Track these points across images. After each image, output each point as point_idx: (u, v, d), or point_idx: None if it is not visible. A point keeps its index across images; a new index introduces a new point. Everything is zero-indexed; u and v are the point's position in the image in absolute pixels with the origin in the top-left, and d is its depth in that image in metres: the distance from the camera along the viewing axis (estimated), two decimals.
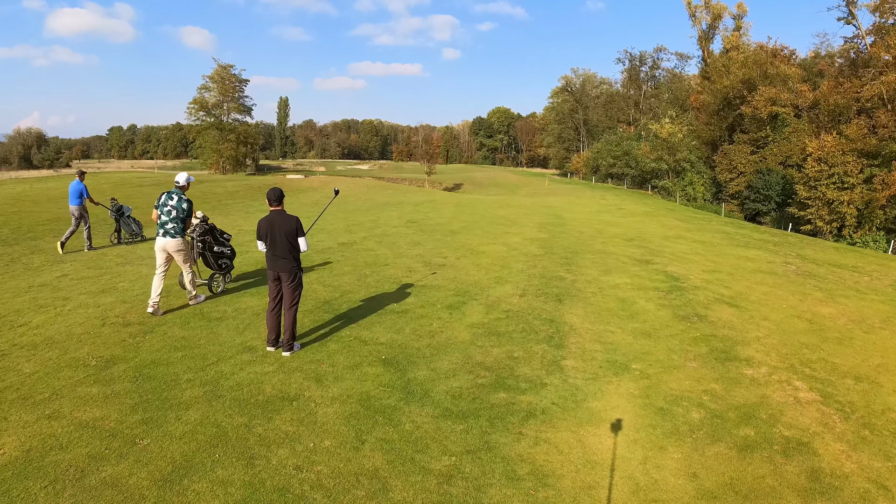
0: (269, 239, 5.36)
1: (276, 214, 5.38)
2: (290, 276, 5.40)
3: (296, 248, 5.38)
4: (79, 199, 10.19)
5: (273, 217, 5.38)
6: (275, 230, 5.31)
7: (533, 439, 4.17)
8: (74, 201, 10.17)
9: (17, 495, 3.21)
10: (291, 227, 5.34)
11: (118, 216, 11.20)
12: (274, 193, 5.42)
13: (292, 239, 5.33)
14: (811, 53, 46.34)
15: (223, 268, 7.57)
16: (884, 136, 28.98)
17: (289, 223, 5.34)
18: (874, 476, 4.00)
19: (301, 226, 5.39)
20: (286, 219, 5.36)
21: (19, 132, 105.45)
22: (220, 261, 7.51)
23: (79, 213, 10.20)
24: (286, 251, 5.33)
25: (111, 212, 11.19)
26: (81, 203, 10.22)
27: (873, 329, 7.56)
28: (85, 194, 10.29)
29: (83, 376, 4.76)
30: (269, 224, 5.35)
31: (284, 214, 5.39)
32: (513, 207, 21.25)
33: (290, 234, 5.32)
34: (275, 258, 5.38)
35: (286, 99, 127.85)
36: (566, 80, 74.09)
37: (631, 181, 49.42)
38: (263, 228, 5.39)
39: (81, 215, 10.24)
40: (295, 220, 5.39)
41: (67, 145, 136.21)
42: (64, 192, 20.55)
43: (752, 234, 18.68)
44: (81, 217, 10.26)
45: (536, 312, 7.12)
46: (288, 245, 5.32)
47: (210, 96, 63.74)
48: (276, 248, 5.34)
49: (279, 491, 3.39)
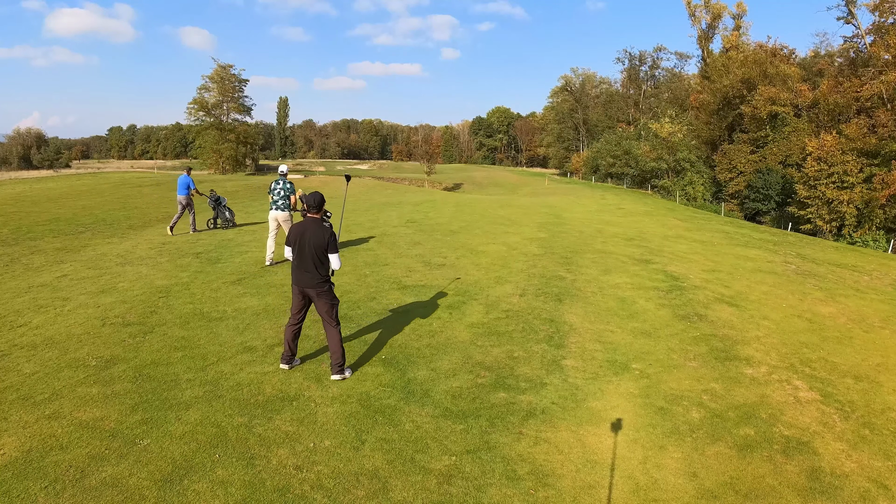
0: (296, 248, 4.90)
1: (309, 222, 4.92)
2: (317, 292, 4.88)
3: (324, 264, 4.87)
4: (186, 190, 11.93)
5: (306, 225, 4.90)
6: (304, 240, 4.82)
7: (533, 439, 4.17)
8: (182, 192, 11.92)
9: (17, 495, 3.21)
10: (322, 240, 4.81)
11: (216, 205, 12.97)
12: (314, 199, 4.93)
13: (321, 253, 4.82)
14: (811, 53, 46.32)
15: None
16: (883, 135, 28.99)
17: (320, 235, 4.82)
18: (874, 475, 4.00)
19: (334, 241, 4.88)
20: (319, 230, 4.85)
21: (19, 132, 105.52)
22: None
23: (185, 201, 11.96)
24: (312, 265, 4.84)
25: (209, 201, 12.95)
26: (188, 193, 11.94)
27: (873, 328, 7.56)
28: (191, 186, 12.04)
29: (83, 376, 4.76)
30: (301, 232, 4.88)
31: (319, 225, 4.89)
32: (512, 207, 21.24)
33: (320, 248, 4.81)
34: (300, 271, 4.92)
35: (286, 99, 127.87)
36: (566, 80, 74.14)
37: (631, 181, 49.43)
38: (293, 235, 4.93)
39: (188, 203, 12.04)
40: (328, 232, 4.86)
41: (67, 145, 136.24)
42: (63, 193, 20.56)
43: (752, 233, 18.69)
44: (188, 205, 12.05)
45: (536, 312, 7.12)
46: (316, 259, 4.82)
47: (210, 96, 63.72)
48: (302, 260, 4.87)
49: (279, 491, 3.39)
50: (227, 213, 13.15)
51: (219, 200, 13.04)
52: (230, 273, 8.44)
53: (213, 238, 11.52)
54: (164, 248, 10.29)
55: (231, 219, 13.23)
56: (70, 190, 21.84)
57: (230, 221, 13.17)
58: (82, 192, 20.97)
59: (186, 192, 12.01)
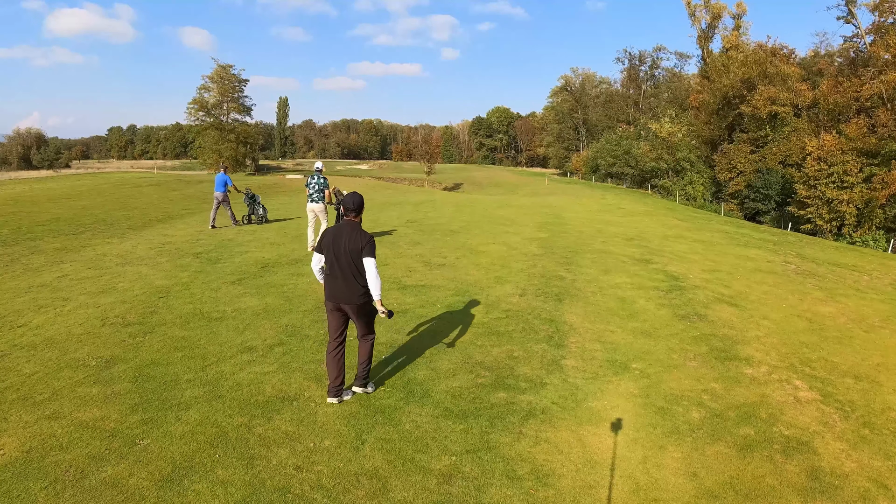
0: (330, 255, 4.36)
1: (346, 226, 4.38)
2: (356, 307, 4.37)
3: (363, 274, 4.30)
4: (223, 186, 12.83)
5: (342, 228, 4.38)
6: (340, 245, 4.30)
7: (533, 439, 4.17)
8: (220, 188, 12.82)
9: (18, 496, 3.21)
10: (358, 245, 4.27)
11: (251, 202, 13.79)
12: (353, 200, 4.45)
13: (359, 260, 4.28)
14: (810, 53, 46.27)
15: None
16: (883, 135, 28.99)
17: (357, 239, 4.29)
18: (874, 475, 4.00)
19: (373, 246, 4.31)
20: (356, 234, 4.32)
21: (19, 132, 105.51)
22: None
23: (222, 197, 12.88)
24: (350, 275, 4.30)
25: (245, 198, 13.75)
26: (225, 190, 12.88)
27: (873, 328, 7.56)
28: (229, 183, 13.04)
29: (83, 377, 4.76)
30: (335, 236, 4.36)
31: (356, 228, 4.36)
32: (512, 207, 21.24)
33: (357, 254, 4.27)
34: (334, 282, 4.36)
35: (286, 99, 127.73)
36: (566, 80, 74.11)
37: (630, 181, 49.44)
38: (325, 240, 4.41)
39: (224, 199, 12.92)
40: (367, 237, 4.32)
41: (67, 146, 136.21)
42: (62, 193, 20.56)
43: (752, 233, 18.69)
44: (223, 201, 12.92)
45: (536, 312, 7.12)
46: (353, 267, 4.30)
47: (209, 96, 63.60)
48: (338, 269, 4.33)
49: (279, 491, 3.39)
50: (260, 210, 13.96)
51: (254, 198, 13.91)
52: (230, 273, 8.44)
53: (213, 238, 11.52)
54: (164, 249, 10.29)
55: (264, 215, 14.02)
56: (70, 190, 21.84)
57: (263, 217, 13.96)
58: (82, 193, 20.97)
59: (223, 189, 12.86)
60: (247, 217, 13.94)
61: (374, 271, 4.26)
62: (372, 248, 4.31)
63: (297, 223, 14.06)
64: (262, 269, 8.73)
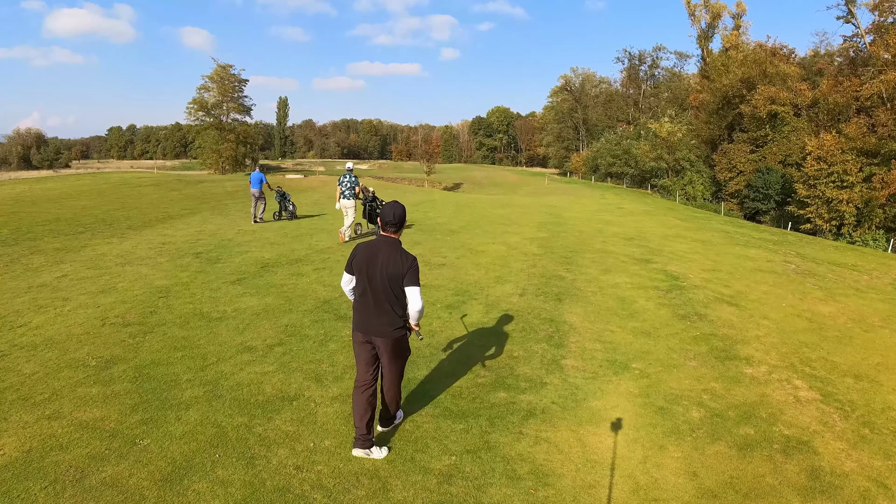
0: (363, 277, 3.64)
1: (382, 244, 3.64)
2: (390, 341, 3.66)
3: (401, 301, 3.62)
4: (259, 184, 13.70)
5: (378, 246, 3.64)
6: (374, 266, 3.59)
7: (533, 438, 4.17)
8: (256, 186, 13.70)
9: (18, 496, 3.21)
10: (400, 268, 3.56)
11: (281, 199, 14.68)
12: (394, 212, 3.64)
13: (397, 286, 3.58)
14: (810, 52, 46.32)
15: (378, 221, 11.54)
16: (883, 134, 29.01)
17: (397, 262, 3.56)
18: (874, 475, 4.00)
19: (416, 271, 3.60)
20: (396, 254, 3.58)
21: (19, 133, 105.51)
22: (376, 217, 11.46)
23: (258, 194, 13.72)
24: (386, 302, 3.60)
25: (276, 195, 14.68)
26: (260, 187, 13.73)
27: (873, 328, 7.56)
28: (263, 180, 13.87)
29: (83, 377, 4.76)
30: (369, 255, 3.63)
31: (395, 247, 3.62)
32: (512, 207, 21.24)
33: (396, 279, 3.56)
34: (365, 309, 3.67)
35: (285, 99, 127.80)
36: (565, 80, 74.13)
37: (630, 180, 49.45)
38: (357, 259, 3.68)
39: (261, 195, 13.76)
40: (409, 260, 3.61)
41: (67, 146, 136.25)
42: (62, 193, 20.57)
43: (752, 232, 18.69)
44: (260, 197, 13.76)
45: (536, 312, 7.12)
46: (390, 294, 3.59)
47: (209, 96, 63.62)
48: (371, 294, 3.62)
49: (279, 491, 3.39)
50: (290, 207, 14.87)
51: (284, 195, 14.82)
52: (230, 273, 8.44)
53: (213, 238, 11.52)
54: (164, 249, 10.29)
55: (293, 211, 14.93)
56: (70, 190, 21.84)
57: (293, 213, 14.90)
58: (82, 193, 20.97)
59: (259, 186, 13.71)
60: (277, 213, 14.79)
61: (420, 303, 3.58)
62: (415, 273, 3.59)
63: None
64: (261, 269, 8.73)
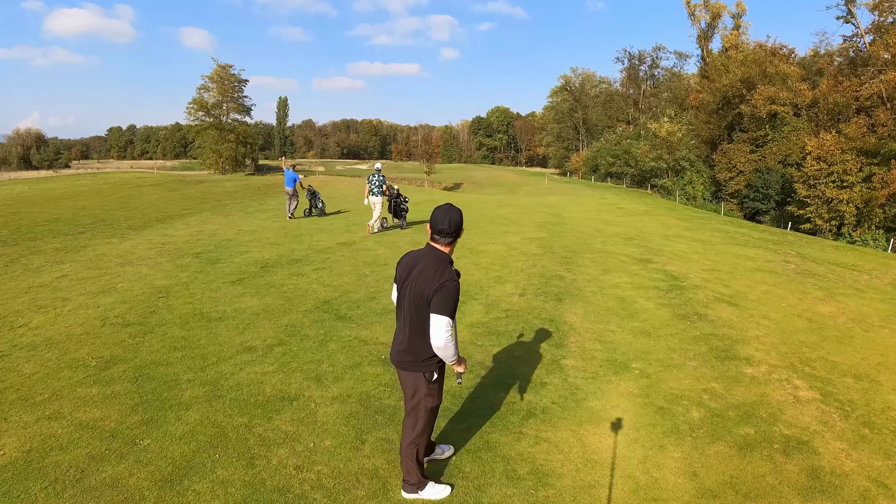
0: (400, 291, 3.10)
1: (425, 254, 3.02)
2: (410, 376, 3.13)
3: (424, 329, 2.94)
4: (293, 182, 14.58)
5: (419, 255, 3.05)
6: (408, 279, 3.00)
7: (533, 438, 4.17)
8: (290, 184, 14.59)
9: (18, 496, 3.21)
10: (427, 286, 2.87)
11: (311, 197, 15.67)
12: (449, 219, 2.92)
13: (422, 308, 2.91)
14: (810, 52, 46.35)
15: (402, 215, 13.47)
16: (883, 134, 29.02)
17: (428, 278, 2.88)
18: (874, 474, 4.00)
19: (448, 294, 2.85)
20: (433, 270, 2.90)
21: (19, 133, 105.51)
22: (401, 212, 13.44)
23: (292, 192, 14.62)
24: (407, 325, 3.03)
25: (307, 193, 15.67)
26: (294, 186, 14.59)
27: (873, 327, 7.57)
28: (297, 179, 14.74)
29: (83, 377, 4.76)
30: (408, 264, 3.07)
31: (436, 261, 2.95)
32: (512, 207, 21.25)
33: (422, 298, 2.89)
34: (395, 333, 3.19)
35: (285, 99, 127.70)
36: (565, 80, 74.16)
37: (630, 180, 49.46)
38: (400, 266, 3.13)
39: (294, 194, 14.67)
40: (442, 278, 2.86)
41: (67, 146, 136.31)
42: (62, 193, 20.58)
43: (752, 232, 18.69)
44: (294, 195, 14.67)
45: (536, 312, 7.12)
46: (413, 316, 2.98)
47: (209, 96, 63.69)
48: (399, 312, 3.12)
49: (279, 491, 3.39)
50: (319, 204, 15.75)
51: (314, 193, 15.75)
52: (230, 273, 8.44)
53: (213, 238, 11.52)
54: (164, 249, 10.29)
55: (322, 208, 15.83)
56: (70, 190, 21.84)
57: (322, 211, 15.80)
58: (82, 193, 20.97)
59: (293, 185, 14.57)
60: (308, 210, 15.68)
61: (441, 338, 2.84)
62: (445, 298, 2.83)
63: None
64: (261, 269, 8.73)
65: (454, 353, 2.95)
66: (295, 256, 9.82)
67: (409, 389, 3.18)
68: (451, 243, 3.01)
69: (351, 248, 10.84)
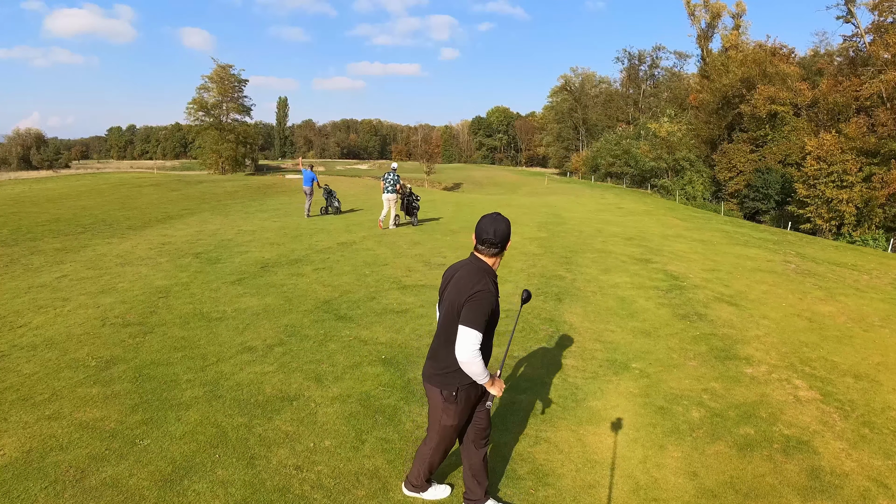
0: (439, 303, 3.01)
1: (466, 263, 2.90)
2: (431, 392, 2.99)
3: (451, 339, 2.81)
4: (310, 182, 15.13)
5: (459, 266, 2.94)
6: (446, 291, 2.89)
7: (533, 438, 4.17)
8: (307, 183, 15.14)
9: (18, 496, 3.21)
10: (459, 295, 2.74)
11: (328, 196, 16.30)
12: (495, 229, 2.75)
13: (454, 318, 2.77)
14: (810, 52, 46.32)
15: (413, 213, 14.13)
16: (883, 134, 29.02)
17: (463, 287, 2.76)
18: (874, 474, 4.00)
19: (479, 304, 2.69)
20: (467, 277, 2.78)
21: (19, 133, 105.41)
22: (412, 209, 14.08)
23: (309, 191, 15.21)
24: (441, 335, 2.92)
25: (324, 193, 16.37)
26: (311, 185, 15.15)
27: (873, 327, 7.57)
28: (314, 179, 15.24)
29: (83, 377, 4.76)
30: (449, 276, 2.96)
31: (475, 270, 2.81)
32: (512, 207, 21.25)
33: (453, 308, 2.78)
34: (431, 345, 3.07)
35: (285, 99, 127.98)
36: (565, 80, 74.21)
37: (630, 180, 49.47)
38: (442, 280, 3.02)
39: (311, 193, 15.23)
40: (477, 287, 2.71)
41: (67, 146, 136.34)
42: (62, 193, 20.59)
43: (752, 232, 18.70)
44: (311, 194, 15.24)
45: (536, 312, 7.12)
46: (444, 327, 2.88)
47: (209, 96, 63.65)
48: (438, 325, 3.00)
49: (279, 491, 3.39)
50: (335, 203, 16.26)
51: (331, 193, 16.36)
52: (230, 273, 8.44)
53: (213, 238, 11.52)
54: (164, 249, 10.29)
55: (339, 207, 16.36)
56: (70, 190, 21.84)
57: (338, 209, 16.28)
58: (82, 193, 20.97)
59: (311, 184, 15.12)
60: (324, 208, 16.18)
61: (467, 352, 2.67)
62: (475, 308, 2.68)
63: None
64: (261, 269, 8.73)
65: (482, 371, 2.74)
66: (295, 256, 9.82)
67: (430, 402, 3.06)
68: (497, 255, 2.82)
69: (351, 248, 10.84)
